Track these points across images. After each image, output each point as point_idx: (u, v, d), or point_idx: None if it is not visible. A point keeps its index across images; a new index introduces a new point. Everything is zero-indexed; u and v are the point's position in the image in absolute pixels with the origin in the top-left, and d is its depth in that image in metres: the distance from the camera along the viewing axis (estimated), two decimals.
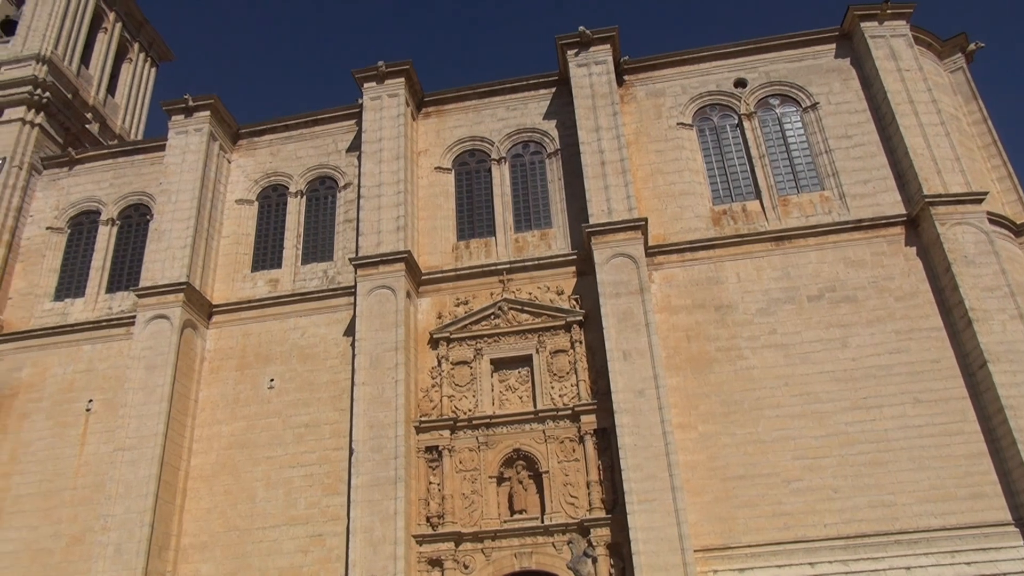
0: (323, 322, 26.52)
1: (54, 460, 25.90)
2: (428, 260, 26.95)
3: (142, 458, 23.77)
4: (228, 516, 24.07)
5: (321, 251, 28.24)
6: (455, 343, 25.16)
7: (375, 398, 23.52)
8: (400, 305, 24.75)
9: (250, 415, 25.46)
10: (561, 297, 25.47)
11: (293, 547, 23.27)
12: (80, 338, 27.90)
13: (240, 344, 26.79)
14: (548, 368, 24.38)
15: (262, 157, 30.55)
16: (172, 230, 27.69)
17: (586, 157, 26.29)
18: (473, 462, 23.52)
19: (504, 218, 27.39)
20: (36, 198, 31.42)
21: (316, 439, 24.60)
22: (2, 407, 27.25)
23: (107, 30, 38.77)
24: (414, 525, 22.56)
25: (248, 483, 24.41)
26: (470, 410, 24.22)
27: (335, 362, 25.64)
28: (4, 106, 31.99)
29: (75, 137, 33.99)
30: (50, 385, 27.31)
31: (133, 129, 39.78)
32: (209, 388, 26.24)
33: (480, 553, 22.35)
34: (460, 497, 23.07)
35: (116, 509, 23.19)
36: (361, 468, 22.64)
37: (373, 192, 27.12)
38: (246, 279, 28.17)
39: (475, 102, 29.77)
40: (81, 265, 29.84)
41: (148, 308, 26.18)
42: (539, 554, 22.13)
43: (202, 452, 25.23)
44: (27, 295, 29.40)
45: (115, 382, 26.53)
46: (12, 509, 25.35)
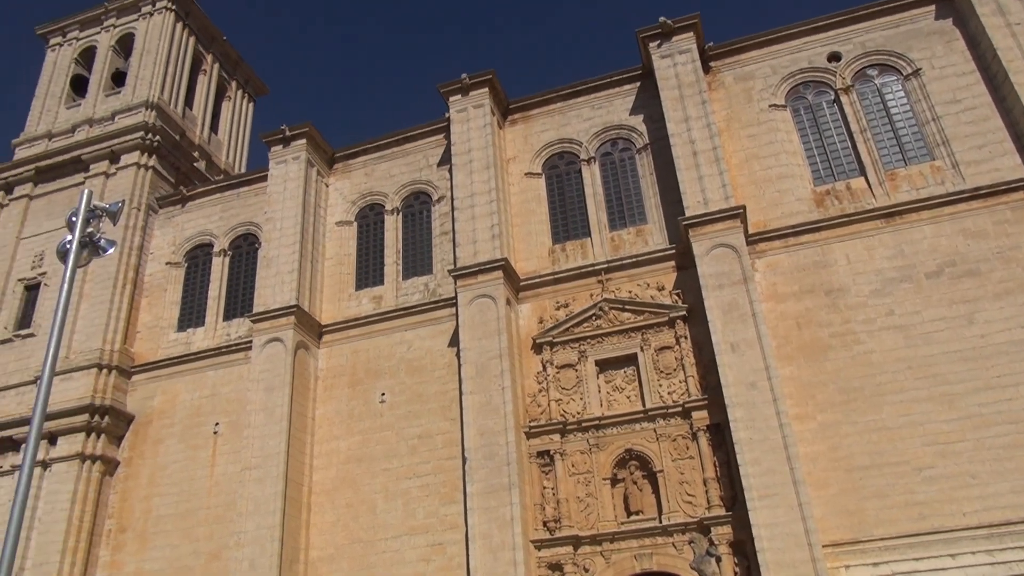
0: (428, 334, 27.02)
1: (188, 481, 27.38)
2: (525, 266, 27.06)
3: (268, 476, 24.82)
4: (351, 528, 24.81)
5: (420, 265, 28.82)
6: (558, 347, 25.14)
7: (484, 406, 23.76)
8: (501, 312, 24.94)
9: (365, 429, 26.18)
10: (662, 293, 25.07)
11: (415, 556, 23.75)
12: (203, 365, 29.43)
13: (350, 361, 27.62)
14: (654, 366, 24.02)
15: (357, 178, 31.46)
16: (279, 256, 28.85)
17: (677, 149, 25.82)
18: (585, 465, 23.41)
19: (598, 217, 27.21)
20: (154, 236, 33.37)
21: (429, 449, 25.05)
22: (138, 434, 29.05)
23: (206, 72, 40.88)
24: (531, 530, 22.63)
25: (368, 495, 25.09)
26: (578, 412, 24.13)
27: (442, 373, 26.07)
28: (120, 153, 34.15)
29: (185, 176, 35.94)
30: (180, 411, 28.91)
31: (236, 163, 41.74)
32: (324, 405, 27.16)
33: (599, 556, 22.21)
34: (575, 500, 23.00)
35: (247, 526, 24.29)
36: (475, 476, 22.91)
37: (466, 203, 27.47)
38: (351, 298, 29.04)
39: (559, 104, 29.74)
40: (199, 296, 31.49)
41: (262, 332, 27.35)
42: (659, 555, 21.80)
43: (322, 467, 26.12)
44: (153, 327, 31.25)
45: (238, 404, 27.82)
46: (154, 530, 26.94)
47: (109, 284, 31.11)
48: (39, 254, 33.42)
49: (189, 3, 39.49)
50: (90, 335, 30.23)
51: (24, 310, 32.65)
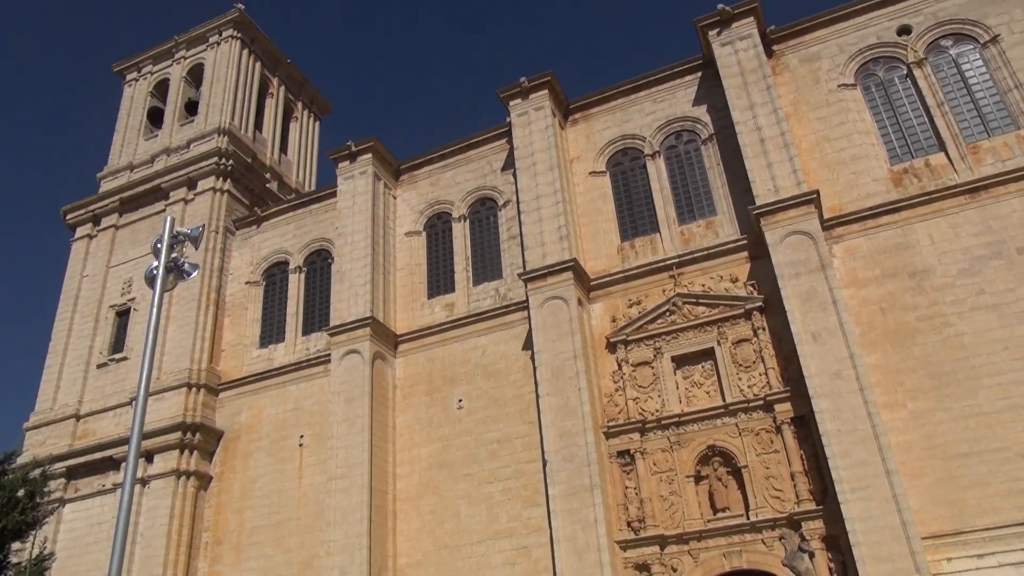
0: (501, 339, 27.14)
1: (278, 493, 28.16)
2: (595, 265, 26.92)
3: (353, 485, 25.33)
4: (437, 534, 25.09)
5: (490, 270, 28.98)
6: (633, 344, 24.91)
7: (561, 408, 23.72)
8: (573, 313, 24.86)
9: (444, 436, 26.46)
10: (736, 285, 24.57)
11: (501, 560, 23.86)
12: (286, 379, 30.26)
13: (426, 369, 27.97)
14: (732, 359, 23.55)
15: (423, 188, 31.86)
16: (352, 269, 29.44)
17: (743, 137, 25.28)
18: (667, 463, 23.11)
19: (666, 212, 26.86)
20: (233, 257, 34.51)
21: (509, 453, 25.15)
22: (228, 449, 30.05)
23: (273, 95, 42.09)
24: (616, 531, 22.46)
25: (451, 501, 25.33)
26: (657, 410, 23.85)
27: (518, 376, 26.15)
28: (197, 179, 35.45)
29: (258, 197, 37.05)
30: (266, 425, 29.79)
31: (306, 181, 42.82)
32: (404, 414, 27.57)
33: (687, 555, 21.88)
34: (659, 499, 22.73)
35: (336, 535, 24.83)
36: (556, 478, 22.88)
37: (532, 206, 27.50)
38: (424, 306, 29.41)
39: (620, 101, 29.49)
40: (278, 312, 32.40)
41: (340, 345, 27.94)
42: (749, 552, 21.34)
43: (405, 475, 26.50)
44: (236, 345, 32.29)
45: (320, 417, 28.48)
46: (248, 541, 27.80)
47: (193, 306, 32.31)
48: (127, 281, 34.94)
49: (254, 30, 40.74)
50: (179, 356, 31.45)
51: (117, 335, 34.18)
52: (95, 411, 32.20)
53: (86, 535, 29.28)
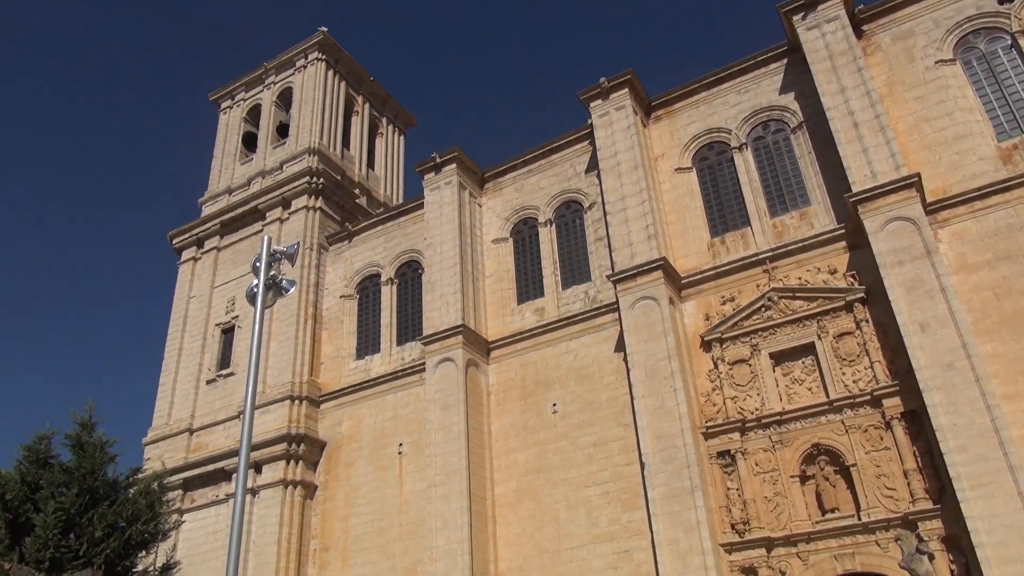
0: (592, 342, 27.00)
1: (380, 501, 28.80)
2: (685, 263, 26.45)
3: (452, 492, 25.65)
4: (537, 539, 25.12)
5: (578, 273, 28.88)
6: (728, 342, 24.33)
7: (656, 409, 23.38)
8: (665, 313, 24.49)
9: (540, 441, 26.48)
10: (835, 276, 23.68)
11: (602, 564, 23.67)
12: (383, 389, 30.96)
13: (519, 375, 28.08)
14: (835, 353, 22.69)
15: (508, 195, 32.06)
16: (442, 279, 29.88)
17: (835, 122, 24.36)
18: (770, 463, 22.45)
19: (756, 205, 26.15)
20: (327, 272, 35.58)
21: (606, 457, 24.95)
22: (331, 458, 30.95)
23: (358, 112, 43.24)
24: (719, 533, 21.95)
25: (549, 506, 25.31)
26: (757, 409, 23.21)
27: (611, 379, 25.93)
28: (290, 198, 36.74)
29: (349, 212, 38.10)
30: (366, 434, 30.53)
31: (394, 194, 43.77)
32: (499, 420, 27.75)
33: (795, 558, 21.18)
34: (763, 501, 22.09)
35: (438, 541, 25.18)
36: (655, 481, 22.56)
37: (618, 207, 27.27)
38: (514, 312, 29.55)
39: (704, 94, 28.93)
40: (373, 324, 33.20)
41: (433, 354, 28.39)
42: (862, 554, 20.48)
43: (503, 481, 26.65)
44: (335, 358, 33.25)
45: (417, 425, 28.99)
46: (354, 548, 28.53)
47: (293, 321, 33.48)
48: (230, 300, 36.51)
49: (338, 51, 41.98)
50: (281, 370, 32.62)
51: (223, 352, 35.75)
52: (206, 425, 33.75)
53: (203, 544, 30.67)
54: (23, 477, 16.43)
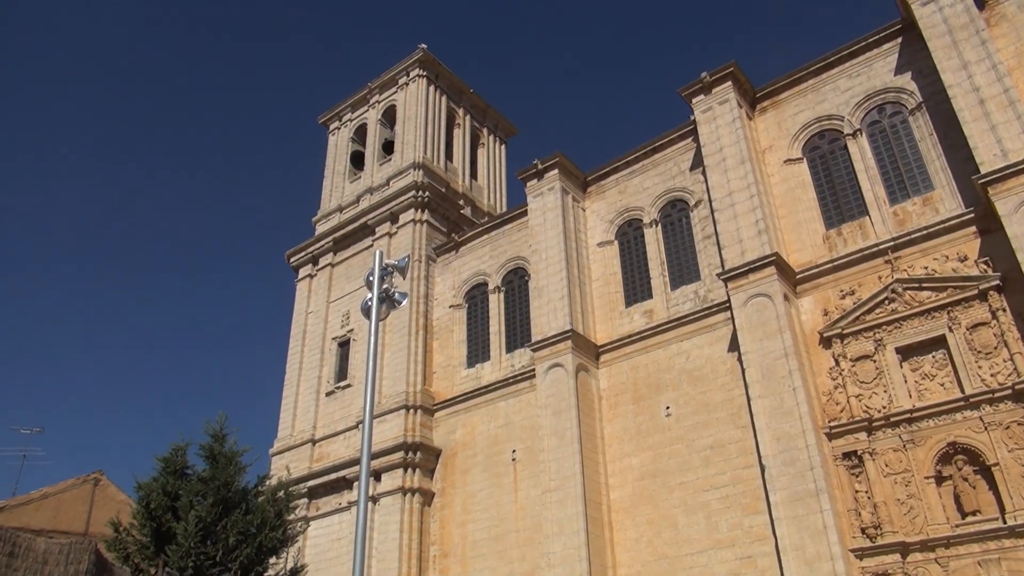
0: (704, 342, 26.38)
1: (496, 507, 29.07)
2: (799, 257, 25.48)
3: (567, 497, 25.58)
4: (655, 545, 24.70)
5: (687, 273, 28.30)
6: (850, 338, 23.24)
7: (775, 410, 22.58)
8: (780, 310, 23.64)
9: (654, 444, 26.06)
10: (965, 264, 22.24)
11: (724, 571, 23.02)
12: (494, 396, 31.27)
13: (630, 378, 27.75)
14: (968, 346, 21.28)
15: (612, 197, 31.80)
16: (548, 285, 29.92)
17: (958, 100, 22.91)
18: (901, 463, 21.26)
19: (874, 193, 24.89)
20: (436, 283, 36.31)
21: (723, 459, 24.29)
22: (447, 466, 31.49)
23: (460, 125, 44.00)
24: (848, 538, 20.94)
25: (667, 510, 24.85)
26: (884, 407, 22.04)
27: (725, 379, 25.25)
28: (398, 213, 37.74)
29: (454, 224, 38.77)
30: (479, 441, 30.91)
31: (497, 203, 44.24)
32: (611, 424, 27.50)
33: (934, 563, 19.94)
34: (895, 503, 20.93)
35: (555, 547, 25.15)
36: (776, 484, 21.77)
37: (725, 203, 26.57)
38: (622, 315, 29.24)
39: (811, 81, 27.82)
40: (482, 333, 33.62)
41: (543, 360, 28.44)
42: (1009, 560, 19.07)
43: (618, 486, 26.37)
44: (446, 367, 33.86)
45: (530, 431, 29.10)
46: (472, 554, 28.89)
47: (405, 332, 34.32)
48: (345, 314, 37.81)
49: (438, 66, 42.88)
50: (395, 380, 33.49)
51: (340, 365, 37.04)
52: (327, 435, 35.01)
53: (328, 550, 31.80)
54: (164, 488, 17.51)
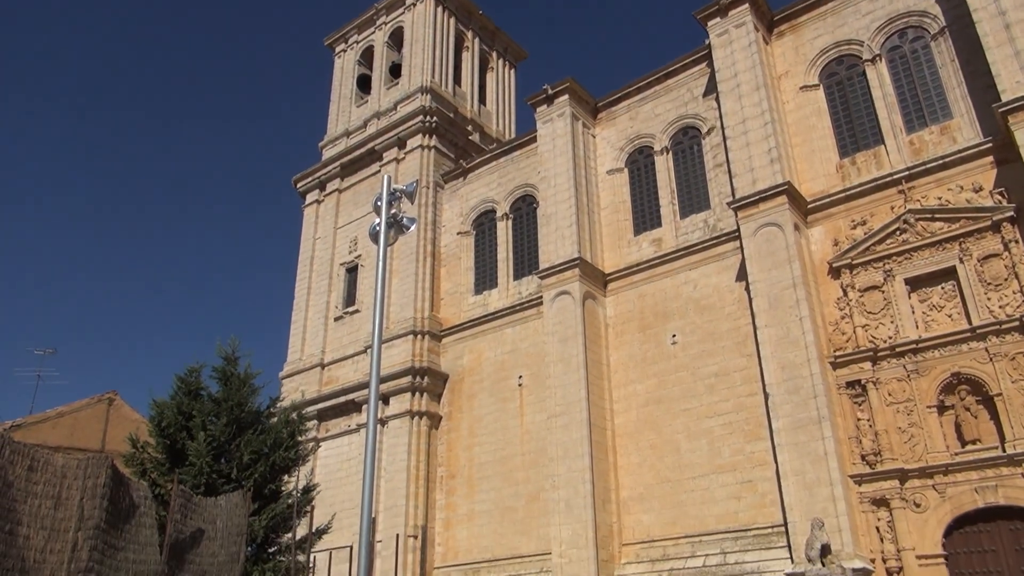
0: (712, 271, 26.35)
1: (502, 431, 29.62)
2: (811, 187, 25.19)
3: (572, 422, 26.02)
4: (658, 469, 25.22)
5: (697, 202, 28.05)
6: (859, 268, 23.17)
7: (781, 339, 22.70)
8: (790, 240, 23.51)
9: (659, 372, 26.33)
10: (980, 195, 21.96)
11: (725, 494, 23.56)
12: (501, 323, 31.49)
13: (637, 306, 27.84)
14: (979, 278, 21.20)
15: (622, 124, 31.29)
16: (557, 212, 29.74)
17: (983, 25, 22.21)
18: (904, 393, 21.46)
19: (891, 121, 24.41)
20: (444, 210, 36.14)
21: (728, 387, 24.56)
22: (454, 391, 31.96)
23: (468, 48, 43.03)
24: (848, 465, 21.33)
25: (670, 436, 25.28)
26: (890, 337, 22.13)
27: (732, 309, 25.32)
28: (405, 138, 37.29)
29: (462, 150, 38.33)
30: (486, 367, 31.28)
31: (506, 129, 43.63)
32: (617, 351, 27.73)
33: (931, 490, 20.34)
34: (896, 432, 21.23)
35: (559, 469, 25.72)
36: (779, 411, 22.07)
37: (738, 130, 26.13)
38: (630, 244, 29.15)
39: (832, 3, 26.94)
40: (489, 260, 33.64)
41: (550, 287, 28.52)
42: (1006, 487, 19.43)
43: (622, 411, 26.78)
44: (454, 294, 34.02)
45: (536, 358, 29.40)
46: (479, 475, 29.60)
47: (413, 259, 34.37)
48: (353, 239, 37.80)
49: None
50: (403, 306, 33.72)
51: (348, 290, 37.23)
52: (336, 360, 35.47)
53: (338, 470, 32.61)
54: (179, 407, 17.87)
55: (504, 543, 27.94)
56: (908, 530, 20.28)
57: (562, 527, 24.94)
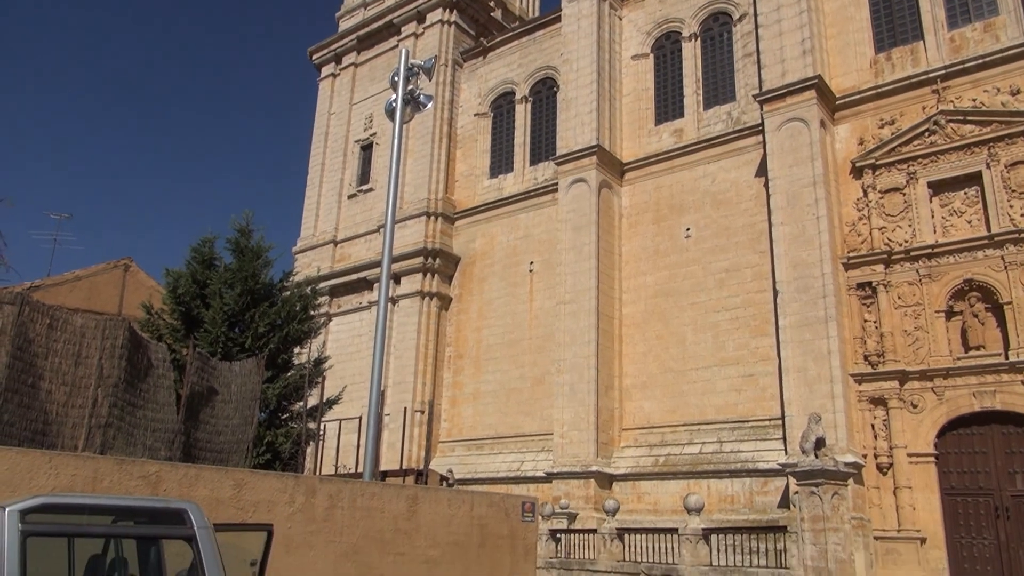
0: (732, 166, 25.90)
1: (511, 315, 30.03)
2: (842, 82, 24.34)
3: (581, 310, 26.32)
4: (662, 359, 25.66)
5: (722, 93, 27.24)
6: (882, 169, 22.71)
7: (796, 237, 22.55)
8: (814, 136, 22.95)
9: (670, 264, 26.36)
10: (1016, 98, 21.21)
11: (726, 386, 24.05)
12: (515, 208, 31.35)
13: (653, 198, 27.57)
14: (1004, 184, 20.77)
15: (651, 7, 30.00)
16: (577, 97, 29.01)
17: None
18: (914, 296, 21.49)
19: (934, 14, 23.28)
20: (462, 90, 35.29)
21: (738, 283, 24.63)
22: (465, 273, 32.21)
23: None
24: (850, 364, 21.64)
25: (677, 328, 25.58)
26: (906, 241, 21.95)
27: (749, 204, 25.05)
28: (425, 12, 35.99)
29: (484, 27, 37.02)
30: (498, 251, 31.38)
31: (529, 8, 41.98)
32: (630, 242, 27.69)
33: (930, 392, 20.70)
34: (901, 334, 21.40)
35: (566, 355, 26.22)
36: (788, 309, 22.21)
37: (771, 18, 25.04)
38: (651, 133, 28.55)
39: None
40: (506, 143, 33.12)
41: (567, 174, 28.18)
42: (1004, 393, 19.74)
43: (631, 302, 27.00)
44: (468, 176, 33.71)
45: (548, 244, 29.42)
46: (487, 356, 30.24)
47: (428, 139, 33.88)
48: (368, 116, 37.17)
49: None
50: (417, 186, 33.52)
51: (362, 168, 36.94)
52: (348, 237, 35.64)
53: (348, 345, 33.36)
54: (193, 276, 18.10)
55: (508, 422, 28.85)
56: (902, 429, 20.78)
57: (565, 410, 25.67)
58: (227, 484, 8.81)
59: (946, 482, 20.29)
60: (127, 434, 10.31)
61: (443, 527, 10.79)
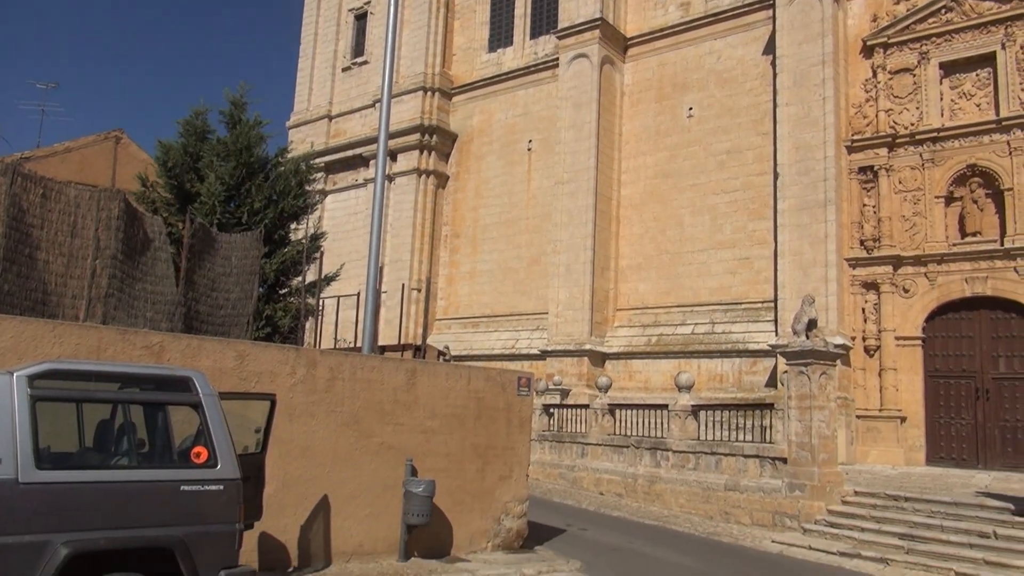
0: (739, 43, 25.05)
1: (508, 194, 29.80)
2: None
3: (579, 190, 26.10)
4: (658, 241, 25.70)
5: None
6: (894, 48, 22.00)
7: (801, 118, 22.11)
8: (827, 12, 22.09)
9: (671, 145, 25.95)
10: None
11: (721, 269, 24.21)
12: (514, 84, 30.51)
13: (656, 75, 26.81)
14: (1017, 66, 20.19)
15: None
16: None
17: None
18: (915, 181, 21.31)
19: None
20: None
21: (738, 165, 24.34)
22: (462, 151, 31.72)
23: None
24: (846, 248, 21.71)
25: (675, 210, 25.47)
26: (912, 124, 21.54)
27: (754, 84, 24.40)
28: None
29: None
30: (496, 129, 30.78)
31: None
32: (631, 121, 27.14)
33: (923, 277, 20.88)
34: (899, 220, 21.36)
35: (562, 235, 26.23)
36: (787, 192, 22.06)
37: None
38: (657, 6, 27.43)
39: None
40: (506, 15, 31.83)
41: (568, 49, 27.27)
42: (996, 279, 19.92)
43: (630, 183, 26.76)
44: (467, 50, 32.60)
45: (548, 122, 28.82)
46: (483, 236, 30.23)
47: (425, 9, 32.53)
48: None
49: None
50: (414, 60, 32.46)
51: (356, 39, 35.65)
52: (343, 112, 34.84)
53: (345, 222, 33.25)
54: (185, 148, 17.77)
55: (503, 301, 29.19)
56: (892, 313, 21.09)
57: (560, 289, 25.93)
58: (230, 355, 8.96)
59: (931, 365, 20.79)
60: (127, 306, 10.39)
61: (441, 399, 11.09)
